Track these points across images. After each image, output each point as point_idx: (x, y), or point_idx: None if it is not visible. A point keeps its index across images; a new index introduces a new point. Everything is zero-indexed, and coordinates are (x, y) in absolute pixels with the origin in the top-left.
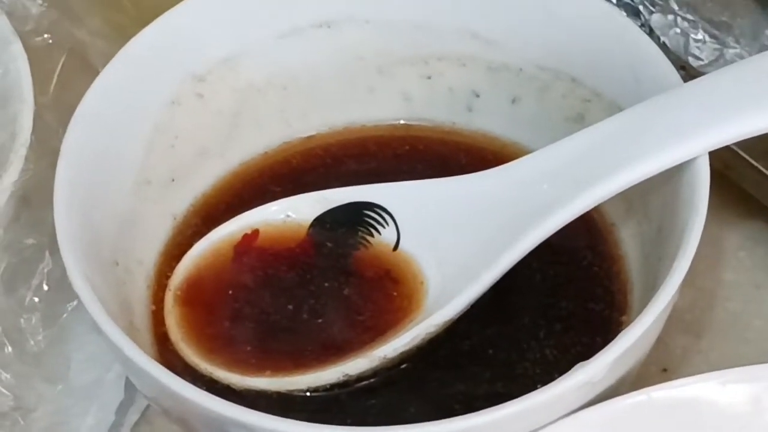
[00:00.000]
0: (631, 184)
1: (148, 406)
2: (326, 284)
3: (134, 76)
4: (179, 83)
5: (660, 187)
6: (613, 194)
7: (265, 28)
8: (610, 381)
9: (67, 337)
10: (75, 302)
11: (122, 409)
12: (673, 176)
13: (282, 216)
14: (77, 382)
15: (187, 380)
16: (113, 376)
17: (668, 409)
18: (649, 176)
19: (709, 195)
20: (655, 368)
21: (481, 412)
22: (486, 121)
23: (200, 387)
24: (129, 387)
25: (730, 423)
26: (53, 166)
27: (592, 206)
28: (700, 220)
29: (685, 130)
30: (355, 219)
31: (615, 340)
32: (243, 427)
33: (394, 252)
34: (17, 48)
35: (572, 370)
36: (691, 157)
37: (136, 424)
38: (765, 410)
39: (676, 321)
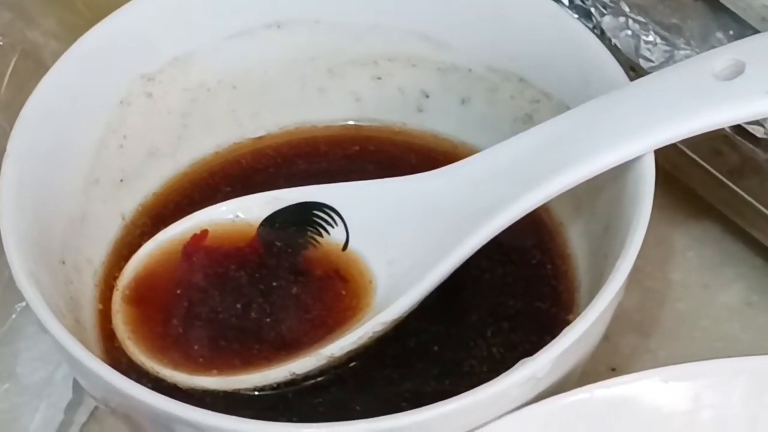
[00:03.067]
0: (577, 183)
1: (97, 406)
2: (275, 283)
3: (83, 75)
4: (129, 83)
5: (607, 186)
6: (560, 192)
7: (215, 28)
8: (554, 377)
9: (16, 336)
10: (24, 302)
11: (71, 407)
12: (619, 175)
13: (231, 216)
14: (26, 380)
15: (132, 379)
16: (62, 375)
17: (611, 405)
18: (594, 174)
19: (658, 195)
20: (603, 367)
21: (425, 408)
22: (436, 122)
23: (146, 385)
24: (78, 387)
25: (671, 419)
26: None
27: (539, 204)
28: (645, 217)
29: (630, 128)
30: (304, 219)
31: (558, 336)
32: (188, 425)
33: (344, 251)
34: None
35: (516, 366)
36: (637, 155)
37: (86, 423)
38: (704, 407)
39: (624, 321)
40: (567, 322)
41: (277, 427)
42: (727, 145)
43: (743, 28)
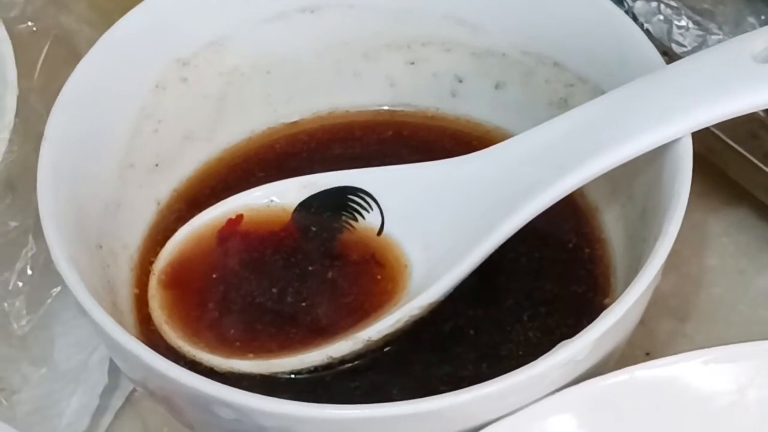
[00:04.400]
0: (613, 167)
1: (132, 390)
2: (310, 268)
3: (118, 60)
4: (164, 67)
5: (644, 170)
6: (596, 176)
7: (250, 12)
8: (593, 360)
9: (51, 321)
10: (59, 287)
11: (107, 392)
12: (656, 158)
13: (266, 201)
14: (62, 366)
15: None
16: (98, 360)
17: (651, 387)
18: (631, 158)
19: (694, 181)
20: (639, 352)
21: (465, 389)
22: (470, 107)
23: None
24: (113, 371)
25: (712, 401)
26: (38, 150)
27: (576, 188)
28: (683, 199)
29: (666, 111)
30: (339, 203)
31: (598, 318)
32: (229, 406)
33: (379, 236)
34: (1, 32)
35: (555, 348)
36: (674, 138)
37: (121, 408)
38: (745, 388)
39: (660, 306)
40: (603, 306)
41: (317, 409)
42: (764, 129)
43: None
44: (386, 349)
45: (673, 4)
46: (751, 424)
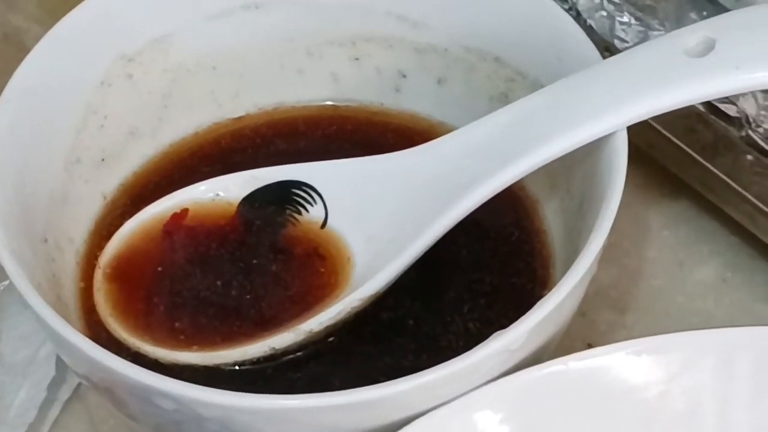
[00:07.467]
0: (551, 159)
1: (80, 384)
2: (255, 261)
3: (63, 57)
4: (109, 63)
5: (581, 163)
6: (534, 168)
7: (194, 9)
8: (529, 350)
9: (0, 315)
10: (7, 281)
11: (54, 385)
12: (592, 151)
13: (211, 195)
14: (10, 359)
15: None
16: (45, 354)
17: (584, 377)
18: (568, 150)
19: (633, 175)
20: (580, 344)
21: (401, 379)
22: (413, 102)
23: (127, 360)
24: (61, 365)
25: (643, 391)
26: None
27: (515, 180)
28: (618, 191)
29: (602, 105)
30: (283, 197)
31: (532, 309)
32: (168, 397)
33: (322, 229)
34: None
35: (490, 338)
36: (610, 131)
37: (68, 400)
38: (676, 378)
39: (601, 297)
40: (542, 298)
41: (254, 399)
42: (701, 123)
43: (718, 9)
44: (329, 340)
45: (616, 0)
46: (678, 413)
